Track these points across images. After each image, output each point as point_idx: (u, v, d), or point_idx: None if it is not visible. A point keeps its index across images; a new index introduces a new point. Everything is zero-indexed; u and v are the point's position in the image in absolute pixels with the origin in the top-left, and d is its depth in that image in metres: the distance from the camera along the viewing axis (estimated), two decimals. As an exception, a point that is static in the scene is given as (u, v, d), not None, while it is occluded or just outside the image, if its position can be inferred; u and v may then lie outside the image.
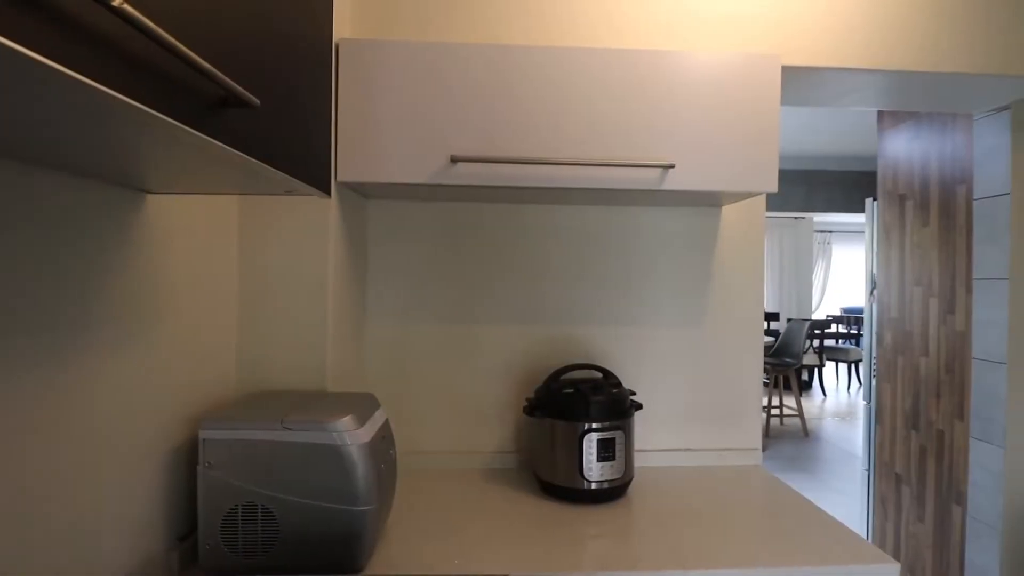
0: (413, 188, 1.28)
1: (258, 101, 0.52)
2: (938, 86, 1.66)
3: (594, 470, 1.24)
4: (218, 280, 1.10)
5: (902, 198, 2.36)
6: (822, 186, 6.07)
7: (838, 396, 6.84)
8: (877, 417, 2.50)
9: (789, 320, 5.83)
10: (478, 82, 1.20)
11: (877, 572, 1.01)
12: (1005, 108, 1.83)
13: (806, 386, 7.20)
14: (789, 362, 4.93)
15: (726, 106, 1.25)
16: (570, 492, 1.27)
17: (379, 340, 1.51)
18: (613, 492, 1.28)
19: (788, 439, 4.64)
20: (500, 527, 1.14)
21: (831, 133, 4.72)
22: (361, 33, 1.44)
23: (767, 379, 5.66)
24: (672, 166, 1.22)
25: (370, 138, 1.19)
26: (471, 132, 1.20)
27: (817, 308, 8.56)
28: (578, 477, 1.25)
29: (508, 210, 1.54)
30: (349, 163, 1.19)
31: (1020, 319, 1.81)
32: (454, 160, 1.17)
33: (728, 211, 1.60)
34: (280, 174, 0.64)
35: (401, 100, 1.20)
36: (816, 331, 6.53)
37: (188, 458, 0.99)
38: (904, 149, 2.35)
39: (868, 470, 2.56)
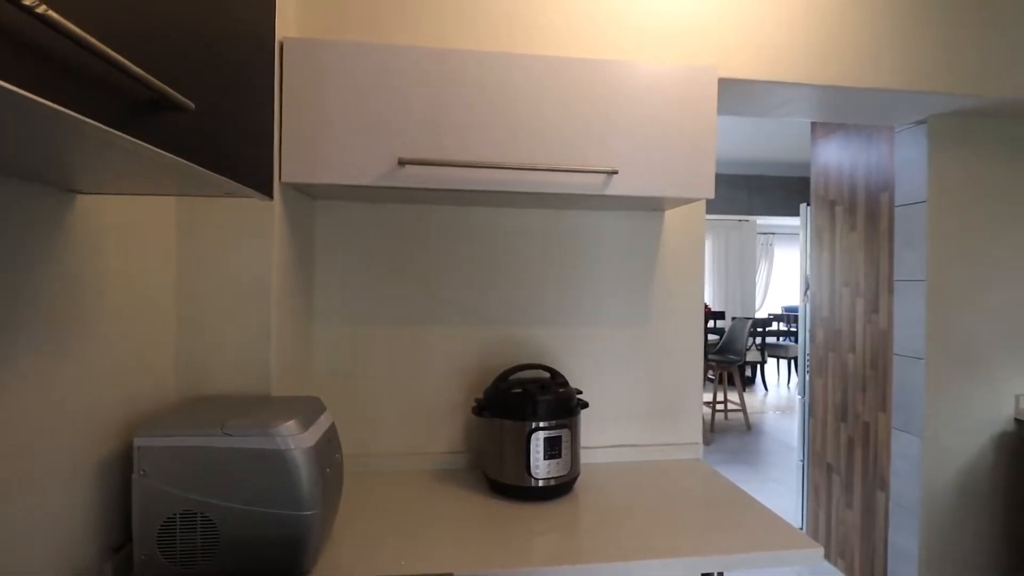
0: (360, 190, 1.28)
1: (192, 104, 0.51)
2: (864, 100, 1.78)
3: (541, 468, 1.27)
4: (155, 282, 1.07)
5: (832, 204, 2.50)
6: (763, 190, 6.35)
7: (779, 391, 7.16)
8: (810, 410, 2.64)
9: (733, 319, 6.07)
10: (427, 85, 1.21)
11: (803, 556, 1.08)
12: (923, 122, 1.97)
13: (749, 381, 7.51)
14: (733, 359, 5.13)
15: (666, 115, 1.30)
16: (518, 490, 1.29)
17: (328, 342, 1.49)
18: (560, 489, 1.31)
19: (732, 433, 4.83)
20: (448, 527, 1.15)
21: (772, 141, 4.94)
22: (307, 33, 1.42)
23: (712, 375, 5.88)
24: (616, 172, 1.26)
25: (316, 139, 1.18)
26: (419, 135, 1.21)
27: (760, 307, 8.91)
28: (526, 475, 1.27)
29: (457, 212, 1.55)
30: (294, 164, 1.18)
31: (936, 318, 1.95)
32: (402, 163, 1.18)
33: (671, 215, 1.66)
34: (218, 177, 0.63)
35: (348, 101, 1.19)
36: (758, 329, 6.81)
37: (123, 467, 0.96)
38: (834, 158, 2.49)
39: (803, 461, 2.71)
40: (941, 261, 1.95)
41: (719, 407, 5.50)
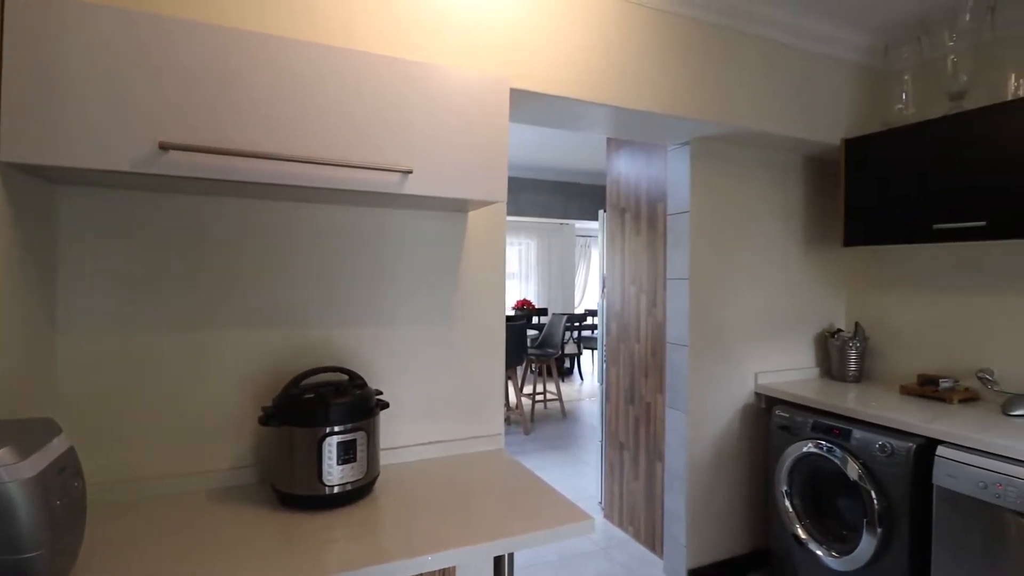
0: (115, 176, 1.11)
1: None
2: (641, 121, 2.02)
3: (334, 474, 1.23)
4: None
5: (623, 211, 2.81)
6: (577, 197, 6.92)
7: (593, 380, 7.85)
8: (607, 396, 2.94)
9: (553, 315, 6.52)
10: (201, 64, 1.09)
11: (578, 528, 1.20)
12: (687, 143, 2.31)
13: (568, 372, 8.11)
14: (551, 352, 5.51)
15: (462, 119, 1.35)
16: (310, 500, 1.23)
17: (84, 353, 1.27)
18: (356, 493, 1.28)
19: (550, 421, 5.18)
20: (230, 550, 1.05)
21: (584, 152, 5.41)
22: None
23: (534, 368, 6.25)
24: (410, 171, 1.27)
25: (50, 112, 1.00)
26: (187, 118, 1.09)
27: (580, 303, 9.68)
28: (317, 483, 1.22)
29: (246, 206, 1.43)
30: (18, 140, 0.98)
31: (696, 310, 2.30)
32: (164, 147, 1.05)
33: (474, 217, 1.72)
34: None
35: (98, 72, 1.02)
36: (576, 324, 7.40)
37: None
38: (624, 170, 2.80)
39: (602, 441, 3.00)
40: (700, 262, 2.30)
41: (539, 398, 5.86)
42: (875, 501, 1.82)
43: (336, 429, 1.24)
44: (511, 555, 1.32)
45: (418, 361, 1.64)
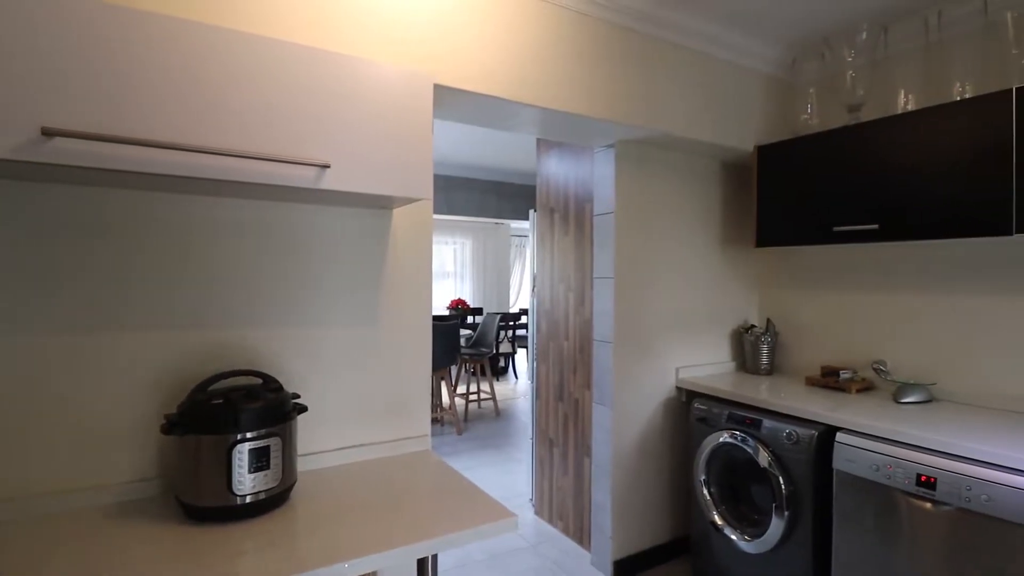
0: (-12, 163, 1.00)
1: None
2: (570, 123, 2.05)
3: (246, 483, 1.17)
4: None
5: (552, 211, 2.85)
6: (510, 196, 6.96)
7: (528, 378, 7.93)
8: (537, 393, 2.97)
9: (488, 314, 6.52)
10: (92, 43, 1.01)
11: (500, 526, 1.20)
12: (612, 145, 2.37)
13: (503, 371, 8.14)
14: (484, 351, 5.51)
15: (384, 114, 1.32)
16: (219, 511, 1.16)
17: (-52, 360, 1.14)
18: (271, 502, 1.22)
19: (484, 420, 5.18)
20: (128, 569, 0.98)
21: (518, 152, 5.44)
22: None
23: (469, 368, 6.22)
24: (328, 166, 1.22)
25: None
26: (76, 101, 1.00)
27: (515, 303, 9.74)
28: (227, 493, 1.16)
29: (141, 198, 1.33)
30: None
31: (621, 308, 2.37)
32: (47, 133, 0.96)
33: (400, 214, 1.68)
34: None
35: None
36: (511, 323, 7.43)
37: None
38: (554, 170, 2.84)
39: (532, 438, 3.03)
40: (623, 261, 2.37)
41: (473, 398, 5.84)
42: (783, 486, 1.94)
43: (248, 435, 1.18)
44: (435, 556, 1.30)
45: (341, 362, 1.59)
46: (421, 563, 1.29)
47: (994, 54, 2.00)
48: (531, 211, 3.13)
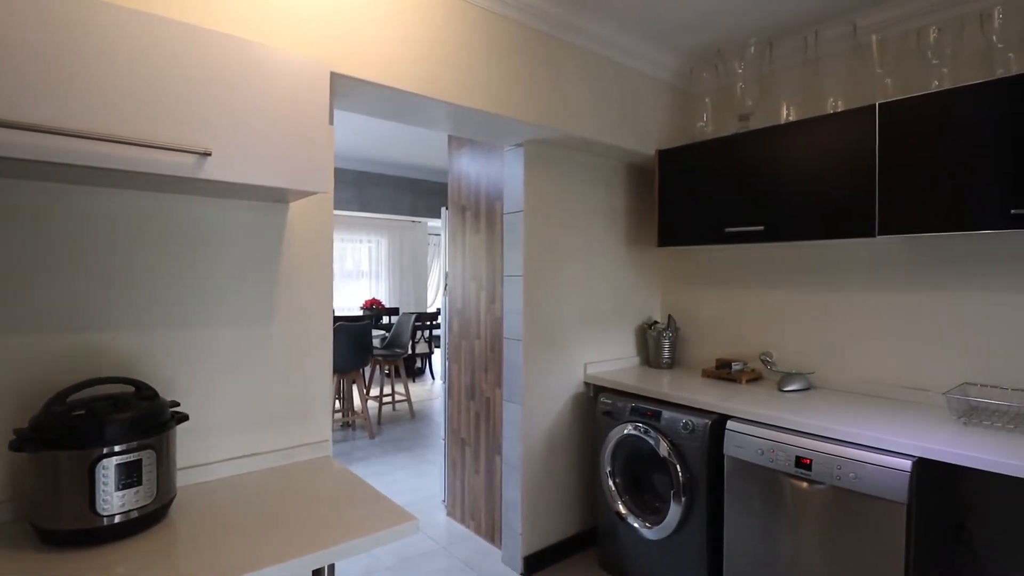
0: None
1: None
2: (479, 120, 2.04)
3: (113, 501, 1.06)
4: None
5: (463, 209, 2.83)
6: (425, 195, 6.86)
7: (442, 378, 7.87)
8: (449, 393, 2.94)
9: (402, 314, 6.38)
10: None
11: (399, 531, 1.16)
12: (521, 145, 2.38)
13: (419, 372, 8.02)
14: (398, 352, 5.39)
15: (275, 101, 1.24)
16: (81, 535, 1.04)
17: None
18: (145, 521, 1.11)
19: (398, 423, 5.06)
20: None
21: (432, 148, 5.37)
22: None
23: (385, 370, 6.05)
24: (208, 153, 1.13)
25: None
26: None
27: (433, 302, 9.61)
28: (90, 514, 1.04)
29: (7, 186, 1.17)
30: None
31: (530, 306, 2.39)
32: None
33: (297, 208, 1.60)
34: None
35: None
36: (428, 322, 7.33)
37: None
38: (465, 168, 2.82)
39: (444, 439, 3.00)
40: (533, 260, 2.39)
41: (387, 400, 5.70)
42: (680, 474, 2.04)
43: (115, 449, 1.07)
44: (331, 566, 1.25)
45: (230, 365, 1.48)
46: (317, 574, 1.23)
47: (862, 72, 2.21)
48: (443, 208, 3.10)
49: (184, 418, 1.23)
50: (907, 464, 1.54)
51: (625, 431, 2.24)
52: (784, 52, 2.43)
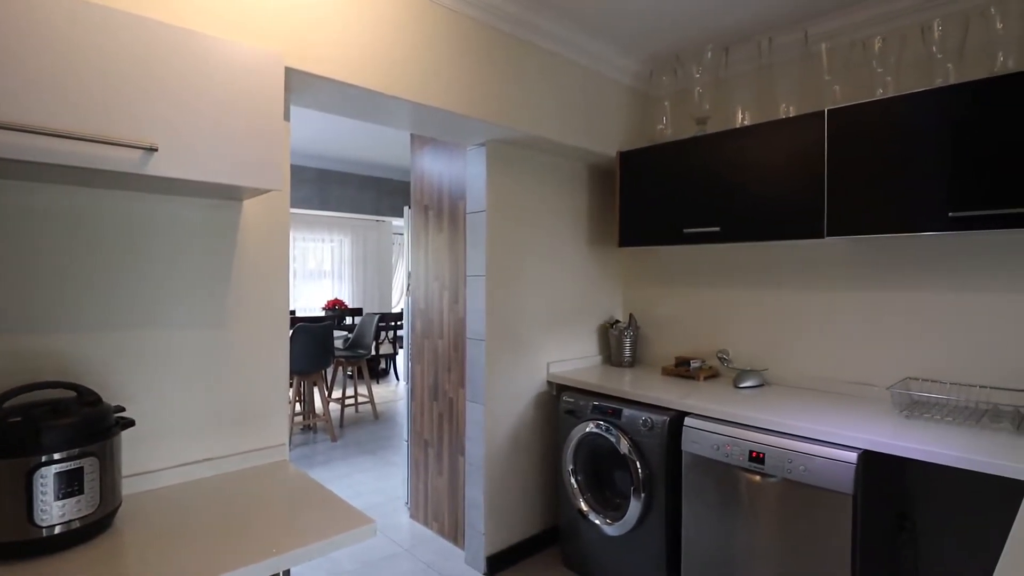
0: None
1: None
2: (441, 119, 2.03)
3: (52, 511, 1.01)
4: None
5: (426, 208, 2.81)
6: (389, 194, 6.79)
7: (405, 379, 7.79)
8: (412, 394, 2.92)
9: (365, 314, 6.29)
10: None
11: (356, 535, 1.15)
12: (483, 144, 2.38)
13: (384, 373, 7.92)
14: (362, 353, 5.31)
15: (226, 95, 1.20)
16: (17, 547, 1.00)
17: None
18: (87, 531, 1.07)
19: (361, 424, 4.99)
20: None
21: (397, 146, 5.31)
22: None
23: (349, 371, 5.94)
24: (155, 149, 1.09)
25: None
26: None
27: (398, 303, 9.50)
28: (27, 525, 0.99)
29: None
30: None
31: (492, 306, 2.39)
32: None
33: (251, 206, 1.56)
34: None
35: None
36: (392, 323, 7.24)
37: None
38: (428, 167, 2.80)
39: (407, 440, 2.97)
40: (495, 259, 2.39)
41: (349, 401, 5.61)
42: (640, 470, 2.08)
43: (55, 457, 1.02)
44: (287, 572, 1.22)
45: (181, 369, 1.44)
46: (271, 581, 1.20)
47: (812, 79, 2.29)
48: (405, 208, 3.07)
49: (130, 423, 1.18)
50: (853, 456, 1.60)
51: (587, 429, 2.26)
52: (739, 58, 2.49)
